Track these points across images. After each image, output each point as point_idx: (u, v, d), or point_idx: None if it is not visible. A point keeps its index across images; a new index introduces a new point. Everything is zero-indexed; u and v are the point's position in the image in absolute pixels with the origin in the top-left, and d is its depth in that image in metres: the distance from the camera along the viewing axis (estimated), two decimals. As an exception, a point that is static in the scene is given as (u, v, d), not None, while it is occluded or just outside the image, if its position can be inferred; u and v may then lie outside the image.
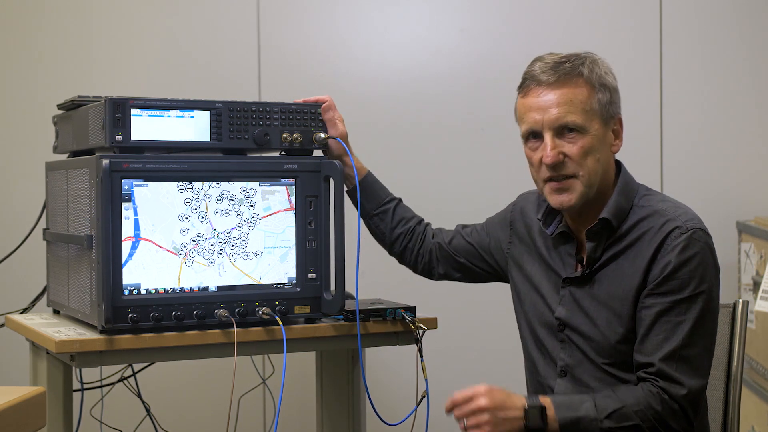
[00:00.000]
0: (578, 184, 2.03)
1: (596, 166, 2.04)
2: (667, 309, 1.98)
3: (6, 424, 1.33)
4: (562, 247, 2.13)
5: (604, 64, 2.09)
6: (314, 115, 2.37)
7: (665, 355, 1.97)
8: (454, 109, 3.52)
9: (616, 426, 1.96)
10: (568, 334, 2.09)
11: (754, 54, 3.63)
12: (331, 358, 2.62)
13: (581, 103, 2.02)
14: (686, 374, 1.97)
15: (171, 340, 2.20)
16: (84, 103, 2.37)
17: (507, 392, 2.01)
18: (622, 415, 1.96)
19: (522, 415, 1.97)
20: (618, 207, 2.05)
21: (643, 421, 1.96)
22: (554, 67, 2.04)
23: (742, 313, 2.26)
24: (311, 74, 3.48)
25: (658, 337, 1.98)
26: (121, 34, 3.48)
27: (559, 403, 1.99)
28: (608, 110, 2.06)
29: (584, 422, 1.97)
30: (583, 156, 2.02)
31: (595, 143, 2.03)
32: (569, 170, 2.03)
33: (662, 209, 2.04)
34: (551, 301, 2.13)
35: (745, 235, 3.45)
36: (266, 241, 2.30)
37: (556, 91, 2.03)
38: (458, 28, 3.55)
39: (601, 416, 1.96)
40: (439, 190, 3.51)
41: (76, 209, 2.34)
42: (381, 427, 2.40)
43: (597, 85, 2.04)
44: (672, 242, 1.99)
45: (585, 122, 2.02)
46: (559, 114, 2.02)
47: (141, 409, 2.76)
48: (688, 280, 1.98)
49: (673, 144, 3.58)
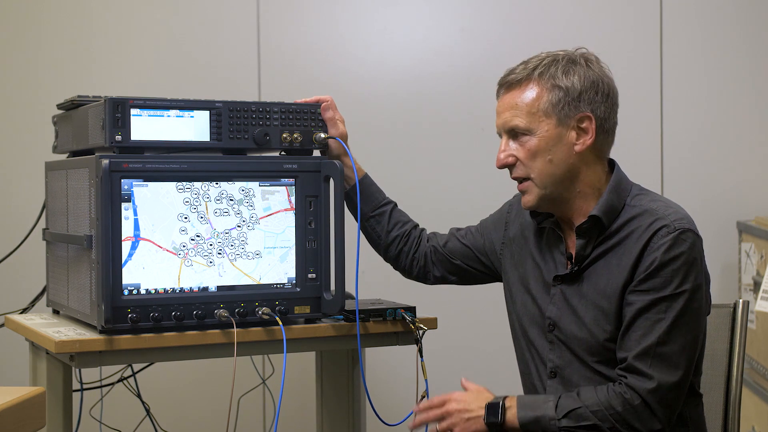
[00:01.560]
0: (532, 186, 2.08)
1: (547, 167, 2.06)
2: (648, 306, 1.98)
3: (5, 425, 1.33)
4: (554, 245, 2.14)
5: (571, 62, 2.06)
6: (314, 115, 2.37)
7: (639, 352, 1.97)
8: (454, 108, 3.52)
9: (573, 426, 1.99)
10: (557, 334, 2.10)
11: (754, 54, 3.63)
12: (331, 359, 2.62)
13: (526, 106, 2.06)
14: (658, 369, 1.97)
15: (171, 340, 2.20)
16: (84, 103, 2.37)
17: (480, 392, 2.09)
18: (579, 415, 1.98)
19: (483, 413, 2.04)
20: (609, 205, 2.06)
21: (602, 421, 1.97)
22: (512, 71, 2.11)
23: (743, 313, 2.26)
24: (311, 74, 3.48)
25: (636, 333, 1.99)
26: (120, 33, 3.48)
27: (524, 402, 2.04)
28: (563, 110, 2.05)
29: (543, 421, 2.00)
30: (530, 158, 2.07)
31: (542, 145, 2.06)
32: (519, 172, 2.10)
33: (652, 208, 2.05)
34: (542, 301, 2.14)
35: (745, 235, 3.45)
36: (266, 241, 2.30)
37: (507, 95, 2.11)
38: (458, 28, 3.55)
39: (559, 415, 1.99)
40: (438, 189, 3.51)
41: (75, 209, 2.33)
42: (381, 428, 2.39)
43: (549, 86, 2.05)
44: (658, 240, 1.99)
45: (530, 124, 2.06)
46: (505, 118, 2.10)
47: (141, 410, 2.75)
48: (671, 278, 1.98)
49: (674, 144, 3.58)
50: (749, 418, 3.32)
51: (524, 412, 2.01)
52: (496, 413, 2.02)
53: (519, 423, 2.01)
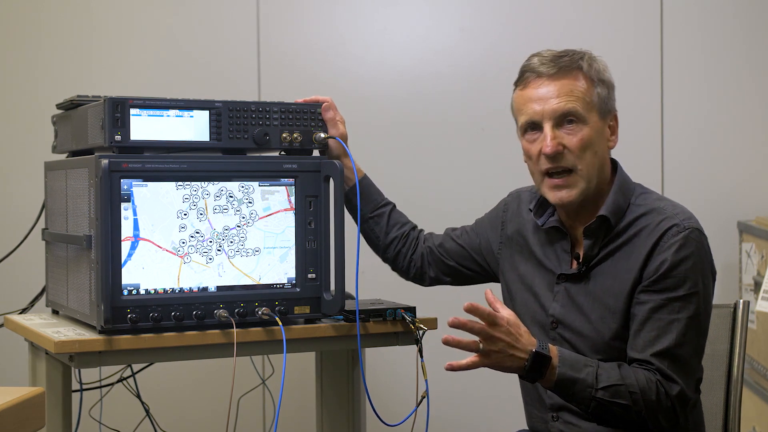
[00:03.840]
0: (578, 179, 2.03)
1: (594, 159, 2.04)
2: (661, 306, 1.98)
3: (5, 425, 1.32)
4: (557, 243, 2.13)
5: (602, 61, 2.11)
6: (314, 115, 2.37)
7: (658, 352, 1.97)
8: (453, 108, 3.52)
9: (607, 399, 1.96)
10: (560, 332, 2.09)
11: (755, 53, 3.63)
12: (331, 359, 2.62)
13: (582, 94, 2.03)
14: (678, 373, 1.97)
15: (170, 340, 2.20)
16: (83, 103, 2.36)
17: (521, 325, 1.98)
18: (618, 391, 1.96)
19: (527, 357, 1.95)
20: (616, 205, 2.05)
21: (634, 404, 1.95)
22: (553, 60, 2.05)
23: (743, 313, 2.26)
24: (311, 74, 3.48)
25: (650, 333, 1.98)
26: (120, 33, 3.48)
27: (565, 358, 1.97)
28: (606, 105, 2.07)
29: (579, 385, 1.96)
30: (582, 149, 2.02)
31: (593, 136, 2.03)
32: (568, 162, 2.03)
33: (660, 207, 2.05)
34: (545, 299, 2.13)
35: (746, 235, 3.45)
36: (266, 241, 2.30)
37: (556, 82, 2.04)
38: (458, 27, 3.55)
39: (598, 386, 1.96)
40: (438, 189, 3.50)
41: (75, 209, 2.33)
42: (381, 428, 2.39)
43: (596, 80, 2.06)
44: (669, 240, 1.99)
45: (585, 113, 2.03)
46: (560, 103, 2.02)
47: (140, 410, 2.75)
48: (683, 279, 1.98)
49: (674, 144, 3.57)
50: (750, 418, 3.32)
51: (564, 369, 1.96)
52: (541, 367, 1.95)
53: (556, 379, 1.96)
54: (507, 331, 1.95)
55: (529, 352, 1.95)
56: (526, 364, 1.95)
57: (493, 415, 3.54)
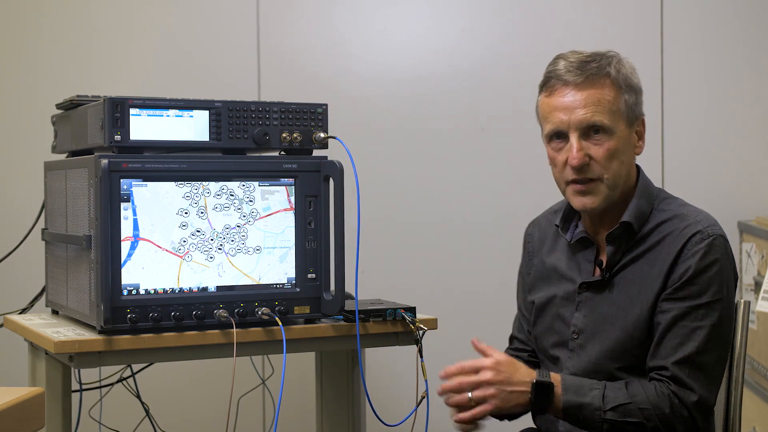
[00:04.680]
0: (603, 186, 2.01)
1: (621, 168, 2.02)
2: (684, 314, 1.95)
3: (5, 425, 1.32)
4: (580, 254, 2.10)
5: (630, 63, 2.06)
6: (314, 115, 2.37)
7: (679, 360, 1.94)
8: (454, 108, 3.51)
9: (618, 419, 1.94)
10: (580, 342, 2.06)
11: (755, 53, 3.62)
12: (330, 359, 2.62)
13: (608, 104, 1.99)
14: (698, 381, 1.94)
15: (170, 340, 2.20)
16: (83, 103, 2.36)
17: (514, 364, 1.97)
18: (627, 410, 1.93)
19: (529, 390, 1.94)
20: (639, 210, 2.03)
21: (648, 420, 1.93)
22: (580, 66, 2.01)
23: (744, 313, 2.25)
24: (311, 74, 3.48)
25: (673, 341, 1.95)
26: (120, 33, 3.48)
27: (569, 384, 1.96)
28: (633, 111, 2.04)
29: (587, 410, 1.94)
30: (608, 159, 1.99)
31: (620, 146, 2.01)
32: (594, 173, 2.00)
33: (683, 213, 2.02)
34: (566, 311, 2.10)
35: (746, 235, 3.44)
36: (266, 241, 2.29)
37: (583, 92, 1.99)
38: (459, 27, 3.54)
39: (606, 407, 1.93)
40: (439, 189, 3.50)
41: (74, 209, 2.33)
42: (381, 428, 2.39)
43: (624, 86, 2.02)
44: (693, 247, 1.96)
45: (612, 123, 1.99)
46: (586, 114, 1.99)
47: (140, 410, 2.75)
48: (707, 286, 1.95)
49: (675, 144, 3.57)
50: (750, 419, 3.31)
51: (569, 396, 1.94)
52: (547, 395, 1.93)
53: (562, 407, 1.94)
54: (496, 371, 1.94)
55: (529, 384, 1.94)
56: (531, 397, 1.94)
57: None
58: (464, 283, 3.45)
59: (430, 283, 3.42)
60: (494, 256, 3.43)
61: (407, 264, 3.42)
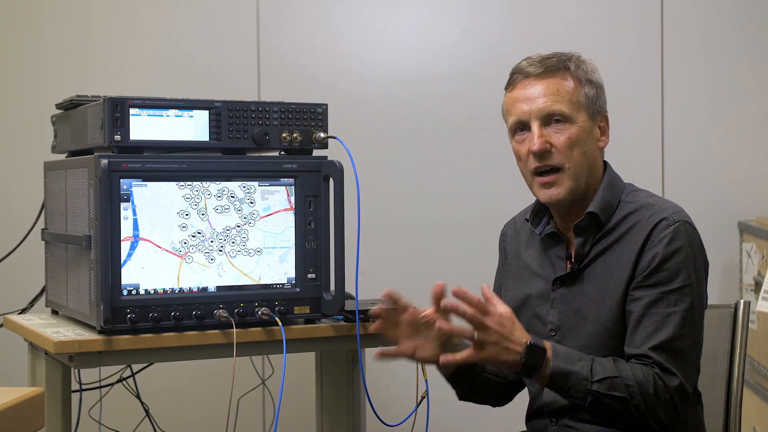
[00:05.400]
0: (565, 177, 2.03)
1: (582, 158, 2.04)
2: (656, 300, 1.97)
3: (4, 425, 1.32)
4: (551, 250, 2.12)
5: (590, 62, 2.11)
6: (314, 115, 2.37)
7: (655, 345, 1.95)
8: (454, 108, 3.51)
9: (603, 392, 1.93)
10: (557, 338, 2.07)
11: (755, 53, 3.62)
12: (330, 359, 2.61)
13: (568, 94, 2.04)
14: (676, 366, 1.96)
15: (170, 340, 2.19)
16: (83, 103, 2.36)
17: (514, 323, 1.95)
18: (614, 384, 1.93)
19: (522, 350, 1.92)
20: (605, 201, 2.05)
21: (631, 397, 1.93)
22: (541, 61, 2.07)
23: (744, 313, 2.25)
24: (311, 74, 3.47)
25: (648, 328, 1.97)
26: (119, 33, 3.48)
27: (559, 351, 1.96)
28: (595, 105, 2.07)
29: (574, 378, 1.94)
30: (569, 147, 2.02)
31: (581, 135, 2.03)
32: (555, 160, 2.03)
33: (650, 203, 2.05)
34: (542, 310, 2.11)
35: (746, 235, 3.44)
36: (266, 241, 2.29)
37: (543, 82, 2.05)
38: (459, 27, 3.54)
39: (593, 378, 1.93)
40: (439, 189, 3.50)
41: (74, 209, 2.33)
42: (381, 428, 2.39)
43: (583, 80, 2.06)
44: (659, 234, 1.98)
45: (571, 112, 2.03)
46: (546, 103, 2.03)
47: (140, 410, 2.75)
48: (677, 272, 1.97)
49: (675, 144, 3.57)
50: (750, 419, 3.31)
51: (558, 362, 1.94)
52: (537, 358, 1.92)
53: (550, 372, 1.94)
54: (500, 322, 1.92)
55: (523, 345, 1.93)
56: (522, 357, 1.93)
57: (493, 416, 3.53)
58: (464, 283, 3.42)
59: (430, 283, 3.41)
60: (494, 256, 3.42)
61: (407, 264, 3.42)
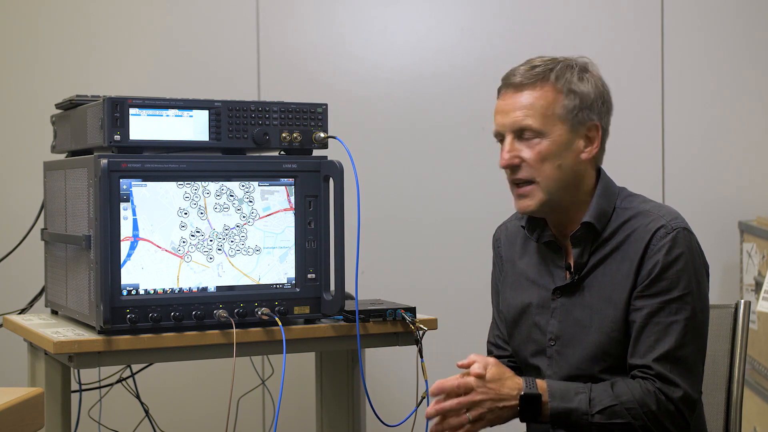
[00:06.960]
0: (537, 190, 2.02)
1: (555, 172, 2.01)
2: (658, 310, 1.96)
3: (4, 425, 1.32)
4: (549, 260, 2.10)
5: (578, 73, 2.04)
6: (314, 115, 2.36)
7: (659, 356, 1.95)
8: (454, 108, 3.51)
9: (606, 422, 1.94)
10: (557, 348, 2.06)
11: (756, 53, 3.62)
12: (330, 359, 2.61)
13: (542, 108, 2.01)
14: (681, 376, 1.95)
15: (170, 340, 2.19)
16: (82, 103, 2.36)
17: (500, 378, 1.96)
18: (614, 412, 1.94)
19: (518, 403, 1.94)
20: (600, 210, 2.04)
21: (635, 419, 1.93)
22: (525, 71, 2.04)
23: (744, 313, 2.25)
24: (311, 74, 3.47)
25: (650, 338, 1.96)
26: (119, 33, 3.47)
27: (555, 390, 1.96)
28: (576, 116, 2.02)
29: (575, 415, 1.95)
30: (539, 161, 2.01)
31: (553, 149, 2.01)
32: (525, 174, 2.03)
33: (645, 210, 2.03)
34: (541, 318, 2.10)
35: (747, 236, 3.44)
36: (266, 241, 2.29)
37: (520, 94, 2.03)
38: (459, 27, 3.54)
39: (593, 411, 1.94)
40: (439, 189, 3.50)
41: (74, 209, 2.33)
42: (381, 428, 2.39)
43: (564, 91, 2.02)
44: (658, 243, 1.97)
45: (543, 127, 2.00)
46: (516, 117, 2.02)
47: (140, 410, 2.75)
48: (677, 280, 1.96)
49: (675, 144, 3.57)
50: (751, 419, 3.31)
51: (556, 403, 1.95)
52: (534, 405, 1.94)
53: (550, 413, 1.95)
54: (485, 389, 1.94)
55: (517, 397, 1.94)
56: (521, 412, 1.95)
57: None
58: (464, 283, 3.45)
59: (430, 283, 3.42)
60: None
61: (407, 264, 3.42)
